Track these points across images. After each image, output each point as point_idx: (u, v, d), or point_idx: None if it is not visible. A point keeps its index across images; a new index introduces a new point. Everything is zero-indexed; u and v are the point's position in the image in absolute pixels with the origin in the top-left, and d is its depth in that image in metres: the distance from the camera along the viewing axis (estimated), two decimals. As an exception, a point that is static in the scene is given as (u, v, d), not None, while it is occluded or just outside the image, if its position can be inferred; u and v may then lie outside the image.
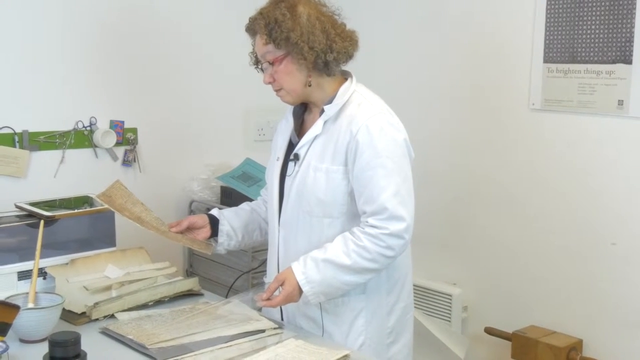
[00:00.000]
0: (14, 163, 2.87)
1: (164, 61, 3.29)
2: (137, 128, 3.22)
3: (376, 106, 2.16)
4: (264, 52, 2.14)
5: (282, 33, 2.08)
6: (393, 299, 2.25)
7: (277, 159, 2.29)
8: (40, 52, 2.93)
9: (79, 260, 2.44)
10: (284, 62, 2.12)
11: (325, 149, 2.15)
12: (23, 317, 1.94)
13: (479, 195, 3.32)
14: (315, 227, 2.16)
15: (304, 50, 2.08)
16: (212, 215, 2.42)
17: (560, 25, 2.95)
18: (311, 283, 2.06)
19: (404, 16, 3.54)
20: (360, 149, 2.08)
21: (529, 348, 2.97)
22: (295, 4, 2.12)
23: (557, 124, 3.01)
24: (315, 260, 2.07)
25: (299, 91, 2.16)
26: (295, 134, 2.27)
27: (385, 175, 2.06)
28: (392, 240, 2.05)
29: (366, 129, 2.08)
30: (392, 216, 2.04)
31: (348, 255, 2.05)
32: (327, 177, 2.13)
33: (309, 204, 2.15)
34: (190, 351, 1.95)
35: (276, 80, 2.15)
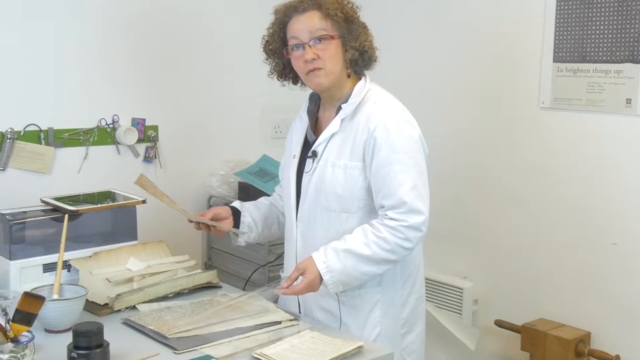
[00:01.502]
0: (40, 159, 2.93)
1: (184, 61, 3.32)
2: (158, 125, 3.26)
3: (392, 104, 2.21)
4: (317, 27, 2.13)
5: (354, 12, 2.16)
6: (407, 290, 2.29)
7: (293, 156, 2.31)
8: (65, 53, 2.97)
9: (101, 253, 2.45)
10: (336, 43, 2.15)
11: (343, 145, 2.18)
12: (48, 308, 1.96)
13: (489, 191, 3.33)
14: (333, 221, 2.20)
15: (367, 35, 2.20)
16: (233, 207, 2.45)
17: (569, 25, 2.97)
18: (332, 272, 2.09)
19: (415, 16, 3.55)
20: (378, 145, 2.12)
21: (538, 340, 2.98)
22: None
23: (566, 122, 3.01)
24: (336, 250, 2.10)
25: (337, 75, 2.18)
26: (311, 132, 2.30)
27: (403, 170, 2.10)
28: (411, 232, 2.09)
29: (383, 125, 2.13)
30: (411, 209, 2.09)
31: (368, 245, 2.09)
32: (345, 172, 2.16)
33: (327, 199, 2.19)
34: (208, 342, 1.98)
35: (320, 58, 2.14)
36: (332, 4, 2.14)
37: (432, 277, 3.39)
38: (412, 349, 2.33)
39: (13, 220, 2.36)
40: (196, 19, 3.34)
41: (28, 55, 2.89)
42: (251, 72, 3.13)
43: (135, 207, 2.61)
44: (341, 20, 2.14)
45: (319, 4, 2.14)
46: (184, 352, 1.94)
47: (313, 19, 2.14)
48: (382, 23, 3.57)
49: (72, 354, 1.78)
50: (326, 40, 2.14)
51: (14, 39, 2.86)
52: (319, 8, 2.14)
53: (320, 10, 2.13)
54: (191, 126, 3.37)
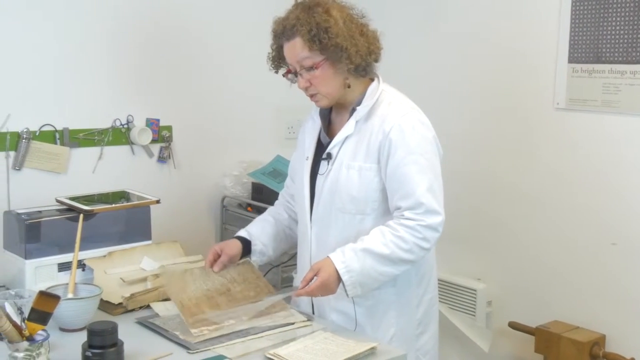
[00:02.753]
0: (55, 159, 2.95)
1: (198, 61, 3.33)
2: (172, 126, 3.28)
3: (406, 105, 2.21)
4: (301, 57, 2.13)
5: (329, 39, 2.08)
6: (421, 291, 2.29)
7: (306, 158, 2.31)
8: (80, 54, 2.99)
9: (116, 252, 2.47)
10: (323, 67, 2.12)
11: (358, 147, 2.18)
12: (63, 307, 1.97)
13: (503, 192, 3.32)
14: (348, 223, 2.19)
15: (351, 54, 2.10)
16: (242, 237, 2.43)
17: (585, 25, 2.96)
18: (351, 272, 2.06)
19: (430, 16, 3.54)
20: (394, 147, 2.12)
21: (552, 343, 2.97)
22: (328, 8, 2.12)
23: (582, 123, 3.00)
24: (354, 250, 2.08)
25: (335, 94, 2.18)
26: (324, 134, 2.30)
27: (419, 171, 2.10)
28: (428, 232, 2.09)
29: (399, 127, 2.12)
30: (428, 210, 2.09)
31: (386, 245, 2.07)
32: (360, 174, 2.16)
33: (342, 201, 2.18)
34: (222, 342, 1.99)
35: (312, 85, 2.16)
36: (308, 31, 2.09)
37: (445, 279, 3.38)
38: (427, 349, 2.33)
39: (28, 220, 2.38)
40: (210, 20, 3.36)
41: (43, 56, 2.91)
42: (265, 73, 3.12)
43: (150, 207, 2.63)
44: (328, 44, 2.10)
45: (298, 32, 2.10)
46: (197, 352, 1.95)
47: (297, 48, 2.12)
48: (396, 23, 3.57)
49: (87, 353, 1.79)
50: (315, 68, 2.13)
51: (30, 40, 2.88)
52: (299, 35, 2.11)
53: (300, 37, 2.10)
54: (205, 126, 3.39)
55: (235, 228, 3.43)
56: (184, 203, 3.36)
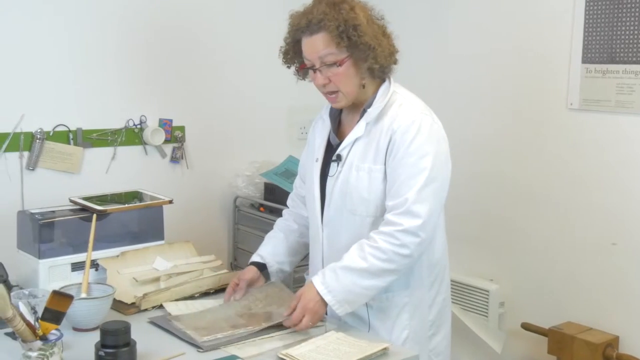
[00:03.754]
0: (69, 159, 2.96)
1: (210, 62, 3.35)
2: (185, 126, 3.29)
3: (416, 107, 2.17)
4: (324, 53, 2.08)
5: (358, 37, 2.05)
6: (434, 292, 2.27)
7: (316, 159, 2.28)
8: (94, 55, 3.01)
9: (129, 252, 2.47)
10: (346, 65, 2.09)
11: (367, 149, 2.16)
12: (76, 307, 1.96)
13: (516, 193, 3.31)
14: (359, 225, 2.17)
15: (378, 54, 2.08)
16: (257, 262, 2.40)
17: (598, 26, 2.95)
18: (332, 292, 2.05)
19: (442, 16, 3.54)
20: (396, 147, 2.09)
21: (565, 344, 2.96)
22: (354, 7, 2.09)
23: (595, 123, 2.99)
24: (333, 270, 2.07)
25: (354, 94, 2.15)
26: (334, 135, 2.27)
27: (414, 173, 2.07)
28: (406, 237, 2.04)
29: (405, 128, 2.10)
30: (408, 211, 2.04)
31: (364, 258, 2.05)
32: (370, 176, 2.14)
33: (353, 203, 2.16)
34: (234, 342, 1.99)
35: (332, 82, 2.11)
36: (337, 27, 2.05)
37: (458, 280, 3.38)
38: (440, 350, 2.31)
39: (42, 220, 2.38)
40: (222, 21, 3.38)
41: (57, 57, 2.93)
42: (277, 74, 3.13)
43: (162, 207, 2.63)
44: (347, 43, 2.07)
45: (325, 27, 2.05)
46: (209, 352, 1.95)
47: (321, 43, 2.07)
48: (408, 24, 3.57)
49: (100, 353, 1.79)
50: (339, 65, 2.09)
51: (43, 41, 2.90)
52: (325, 30, 2.06)
53: (326, 32, 2.06)
54: (217, 127, 3.40)
55: (247, 228, 3.45)
56: (197, 203, 3.37)
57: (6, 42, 2.83)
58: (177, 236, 2.74)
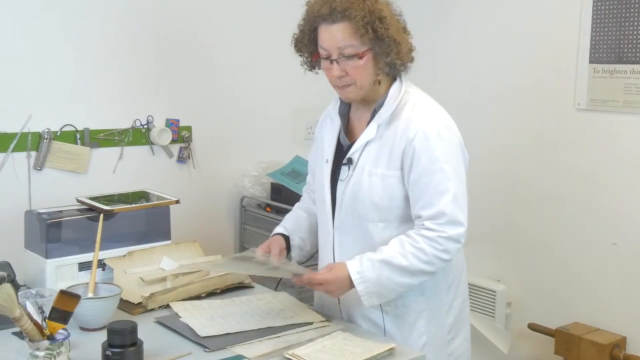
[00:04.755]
0: (76, 159, 2.96)
1: (217, 62, 3.34)
2: (192, 126, 3.29)
3: (431, 108, 2.12)
4: (345, 44, 2.00)
5: (385, 29, 1.98)
6: (451, 296, 2.22)
7: (326, 160, 2.22)
8: (100, 55, 3.01)
9: (135, 252, 2.47)
10: (366, 58, 2.02)
11: (380, 153, 2.10)
12: (83, 306, 1.95)
13: (523, 193, 3.31)
14: (371, 231, 2.12)
15: (401, 49, 2.03)
16: (279, 233, 2.35)
17: (606, 26, 2.94)
18: (366, 282, 2.01)
19: (449, 17, 3.55)
20: (417, 154, 2.03)
21: (573, 345, 2.96)
22: (376, 1, 2.03)
23: (603, 123, 2.99)
24: (372, 261, 2.02)
25: (368, 88, 2.08)
26: (344, 136, 2.20)
27: (444, 179, 2.02)
28: (450, 243, 2.02)
29: (423, 133, 2.03)
30: (451, 220, 2.01)
31: (405, 256, 2.01)
32: (383, 182, 2.08)
33: (364, 208, 2.11)
34: (240, 341, 1.99)
35: (349, 75, 2.04)
36: (362, 17, 1.97)
37: (464, 280, 3.38)
38: (459, 352, 2.26)
39: (49, 219, 2.39)
40: (229, 21, 3.37)
41: (64, 57, 2.93)
42: (283, 74, 3.15)
43: (169, 207, 2.63)
44: (372, 35, 2.00)
45: (349, 17, 1.98)
46: (215, 352, 1.95)
47: (342, 34, 1.99)
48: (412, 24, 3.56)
49: (107, 352, 1.80)
50: (359, 57, 2.02)
51: (51, 42, 2.90)
52: (348, 20, 1.98)
53: (350, 22, 1.98)
54: (224, 127, 3.40)
55: (254, 228, 3.45)
56: (203, 203, 3.37)
57: (13, 43, 2.83)
58: (184, 236, 2.74)
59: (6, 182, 2.86)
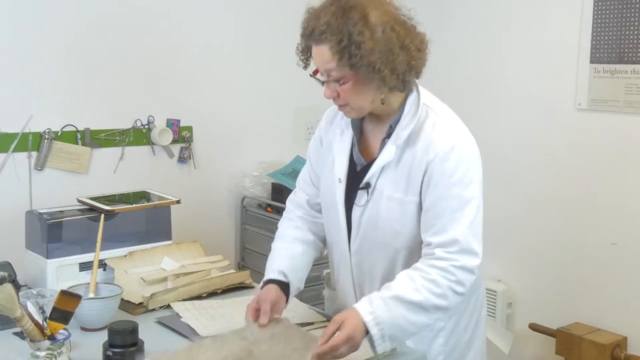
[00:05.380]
0: (77, 159, 2.97)
1: (218, 62, 3.35)
2: (193, 126, 3.30)
3: (452, 127, 1.94)
4: (328, 67, 1.84)
5: (361, 57, 1.79)
6: (469, 313, 2.10)
7: (339, 180, 2.01)
8: (101, 55, 3.02)
9: (136, 252, 2.46)
10: (354, 83, 1.84)
11: (399, 177, 1.93)
12: (84, 306, 1.94)
13: (524, 193, 3.31)
14: (392, 258, 1.98)
15: (385, 75, 1.82)
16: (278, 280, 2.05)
17: (607, 26, 2.94)
18: (380, 324, 1.79)
19: (449, 17, 3.55)
20: (435, 179, 1.88)
21: (574, 345, 2.96)
22: (367, 13, 1.80)
23: (604, 123, 2.99)
24: (383, 299, 1.81)
25: (366, 108, 1.91)
26: (359, 154, 2.02)
27: (461, 206, 1.86)
28: (463, 274, 1.84)
29: (443, 156, 1.88)
30: (464, 249, 1.84)
31: (418, 291, 1.81)
32: (402, 208, 1.92)
33: (385, 236, 1.96)
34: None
35: (341, 97, 1.87)
36: (338, 42, 1.79)
37: (465, 280, 3.37)
38: None
39: (50, 220, 2.39)
40: (230, 22, 3.37)
41: (65, 57, 2.94)
42: (284, 74, 3.15)
43: (170, 207, 2.63)
44: (359, 64, 1.80)
45: (326, 40, 1.81)
46: (217, 352, 1.95)
47: (325, 55, 1.82)
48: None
49: (108, 352, 1.80)
50: (343, 82, 1.84)
51: (52, 42, 2.90)
52: (327, 43, 1.81)
53: (329, 45, 1.80)
54: (225, 127, 3.40)
55: (254, 228, 3.45)
56: (204, 203, 3.37)
57: (14, 43, 2.83)
58: (185, 236, 2.74)
59: (7, 183, 2.86)
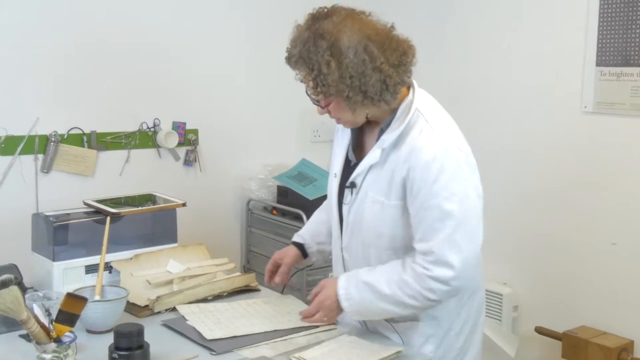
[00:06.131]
0: (83, 162, 2.98)
1: (223, 65, 3.36)
2: (199, 129, 3.30)
3: (439, 135, 1.92)
4: (309, 92, 1.94)
5: (328, 87, 1.85)
6: (462, 319, 2.11)
7: (334, 175, 2.13)
8: (107, 58, 3.03)
9: (142, 255, 2.47)
10: (333, 104, 1.92)
11: (382, 180, 1.97)
12: (90, 309, 1.96)
13: (530, 196, 3.31)
14: (379, 256, 2.03)
15: (356, 100, 1.88)
16: (297, 242, 2.35)
17: (613, 28, 2.94)
18: (350, 301, 1.97)
19: (455, 18, 3.55)
20: (417, 187, 1.89)
21: (580, 348, 2.95)
22: (337, 40, 1.84)
23: (610, 126, 2.99)
24: (359, 280, 1.97)
25: (358, 121, 1.97)
26: (352, 152, 2.09)
27: (439, 218, 1.88)
28: (435, 284, 1.88)
29: (424, 165, 1.88)
30: (439, 261, 1.87)
31: (389, 285, 1.92)
32: (384, 211, 1.97)
33: (370, 237, 2.03)
34: (246, 344, 1.99)
35: (332, 113, 1.96)
36: (310, 72, 1.87)
37: (471, 283, 3.37)
38: None
39: (56, 222, 2.39)
40: (235, 24, 3.38)
41: (71, 60, 2.95)
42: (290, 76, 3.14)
43: (176, 210, 2.63)
44: (327, 92, 1.88)
45: (300, 68, 1.91)
46: (222, 354, 1.96)
47: (304, 80, 1.94)
48: (417, 24, 3.56)
49: (113, 355, 1.80)
50: (325, 105, 1.93)
51: (58, 45, 2.91)
52: (302, 71, 1.91)
53: (303, 75, 1.91)
54: (231, 130, 3.41)
55: (260, 231, 3.45)
56: (210, 206, 3.37)
57: (21, 46, 2.84)
58: (190, 239, 2.73)
59: (13, 185, 2.87)
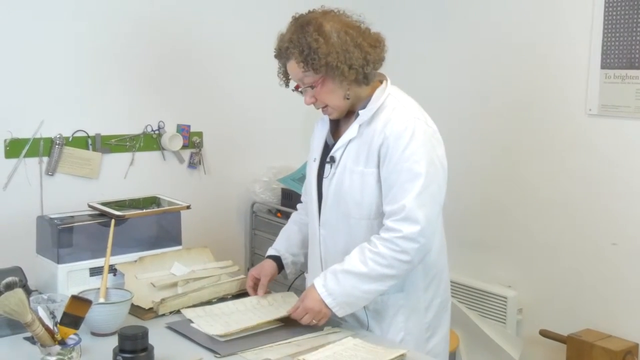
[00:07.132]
0: (87, 165, 2.98)
1: (227, 68, 3.36)
2: (203, 132, 3.31)
3: (410, 111, 2.16)
4: (301, 77, 2.14)
5: (319, 60, 2.07)
6: (430, 295, 2.27)
7: (314, 159, 2.33)
8: (112, 61, 3.03)
9: (147, 257, 2.47)
10: (324, 83, 2.13)
11: (360, 151, 2.17)
12: (94, 312, 1.97)
13: (535, 198, 3.30)
14: (354, 227, 2.19)
15: (344, 70, 2.09)
16: (273, 255, 2.48)
17: (617, 31, 2.93)
18: (332, 295, 2.09)
19: (461, 20, 3.54)
20: (390, 152, 2.10)
21: (584, 351, 2.94)
22: (321, 24, 2.11)
23: (614, 129, 2.98)
24: (334, 273, 2.10)
25: (343, 106, 2.18)
26: (330, 136, 2.29)
27: (410, 178, 2.07)
28: (406, 243, 2.05)
29: (398, 133, 2.10)
30: (407, 217, 2.05)
31: (365, 263, 2.07)
32: (362, 179, 2.15)
33: (347, 206, 2.18)
34: (251, 346, 2.00)
35: (319, 100, 2.17)
36: (300, 53, 2.09)
37: (475, 286, 3.37)
38: (437, 351, 2.31)
39: (61, 225, 2.39)
40: (239, 28, 3.38)
41: (76, 63, 2.96)
42: (295, 79, 3.15)
43: (180, 212, 2.64)
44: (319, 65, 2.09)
45: (291, 54, 2.12)
46: (226, 357, 1.96)
47: (294, 70, 2.14)
48: (420, 27, 3.56)
49: (118, 357, 1.80)
50: (316, 86, 2.14)
51: (63, 48, 2.92)
52: (293, 57, 2.12)
53: (294, 59, 2.12)
54: (235, 133, 3.41)
55: (264, 234, 3.46)
56: (214, 209, 3.38)
57: (26, 49, 2.85)
58: (195, 241, 2.74)
59: (18, 188, 2.87)
